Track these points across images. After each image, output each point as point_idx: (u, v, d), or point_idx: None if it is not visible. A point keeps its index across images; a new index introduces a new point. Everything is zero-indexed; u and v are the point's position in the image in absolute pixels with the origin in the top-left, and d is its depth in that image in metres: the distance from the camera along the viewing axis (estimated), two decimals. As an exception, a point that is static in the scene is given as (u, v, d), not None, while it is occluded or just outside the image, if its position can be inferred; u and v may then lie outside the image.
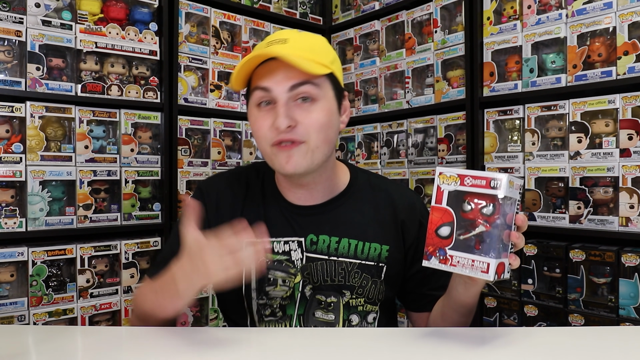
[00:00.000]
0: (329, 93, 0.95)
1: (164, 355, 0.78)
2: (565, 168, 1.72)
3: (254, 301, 1.00)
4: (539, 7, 1.82)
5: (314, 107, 0.92)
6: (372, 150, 2.43)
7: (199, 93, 2.18)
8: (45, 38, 1.75)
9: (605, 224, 1.63)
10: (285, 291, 0.99)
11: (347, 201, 1.04)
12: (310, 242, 1.00)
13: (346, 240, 1.01)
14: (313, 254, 1.00)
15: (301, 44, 0.94)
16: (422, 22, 2.21)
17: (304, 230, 1.01)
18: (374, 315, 1.04)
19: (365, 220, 1.03)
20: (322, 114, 0.93)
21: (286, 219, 1.02)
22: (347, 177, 1.07)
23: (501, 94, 1.91)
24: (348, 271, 1.00)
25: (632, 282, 1.56)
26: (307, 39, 0.97)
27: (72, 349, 0.82)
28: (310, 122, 0.91)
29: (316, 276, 1.00)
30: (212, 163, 2.17)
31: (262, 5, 2.38)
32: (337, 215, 1.02)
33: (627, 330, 1.07)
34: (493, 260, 0.73)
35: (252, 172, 1.08)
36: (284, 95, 0.91)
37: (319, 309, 1.00)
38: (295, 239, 1.00)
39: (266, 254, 0.91)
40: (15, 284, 1.71)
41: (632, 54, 1.59)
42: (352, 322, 1.01)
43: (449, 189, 0.77)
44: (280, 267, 0.99)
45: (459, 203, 0.76)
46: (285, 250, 1.00)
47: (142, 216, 1.98)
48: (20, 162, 1.70)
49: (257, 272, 0.96)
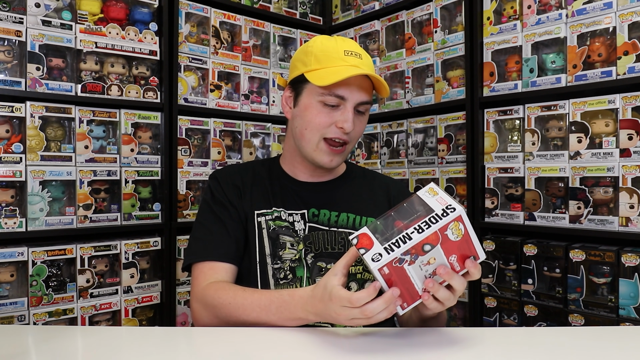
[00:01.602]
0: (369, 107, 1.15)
1: (164, 355, 0.78)
2: (565, 168, 1.72)
3: (269, 266, 1.09)
4: (539, 7, 1.82)
5: (363, 118, 1.12)
6: (372, 150, 2.43)
7: (199, 93, 2.18)
8: (45, 38, 1.75)
9: (605, 224, 1.63)
10: (294, 254, 1.10)
11: (345, 184, 1.21)
12: (312, 214, 1.13)
13: (345, 214, 1.14)
14: (315, 224, 1.12)
15: (369, 63, 1.11)
16: (422, 22, 2.21)
17: (307, 204, 1.14)
18: (370, 283, 1.08)
19: (362, 199, 1.19)
20: (365, 124, 1.14)
21: (291, 194, 1.15)
22: (344, 166, 1.25)
23: (501, 94, 1.91)
24: (347, 240, 1.12)
25: (632, 282, 1.56)
26: (368, 58, 1.12)
27: (72, 349, 0.82)
28: (359, 130, 1.11)
29: (317, 244, 1.11)
30: (212, 163, 2.17)
31: (262, 5, 2.38)
32: (337, 194, 1.18)
33: (627, 330, 1.07)
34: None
35: (257, 163, 1.24)
36: (353, 105, 1.07)
37: (320, 275, 1.08)
38: (298, 212, 1.13)
39: (275, 221, 1.11)
40: (15, 284, 1.71)
41: (632, 54, 1.59)
42: (351, 289, 1.08)
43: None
44: (288, 232, 1.11)
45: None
46: (289, 221, 1.12)
47: (142, 216, 1.98)
48: (20, 162, 1.70)
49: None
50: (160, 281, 2.01)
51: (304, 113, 1.10)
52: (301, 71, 1.11)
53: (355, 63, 1.07)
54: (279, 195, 1.15)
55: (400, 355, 0.76)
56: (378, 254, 0.73)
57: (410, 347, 0.80)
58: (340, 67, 1.05)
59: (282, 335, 0.86)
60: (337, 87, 1.05)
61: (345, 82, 1.04)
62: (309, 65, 1.09)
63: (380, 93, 1.11)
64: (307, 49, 1.12)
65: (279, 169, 1.21)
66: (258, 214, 1.12)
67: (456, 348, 0.79)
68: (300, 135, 1.11)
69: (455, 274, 0.78)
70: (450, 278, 0.77)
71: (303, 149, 1.12)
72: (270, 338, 0.86)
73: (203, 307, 1.01)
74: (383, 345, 0.80)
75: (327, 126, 1.07)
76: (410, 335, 0.88)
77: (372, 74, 1.05)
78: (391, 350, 0.78)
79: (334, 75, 1.03)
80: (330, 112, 1.07)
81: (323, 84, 1.04)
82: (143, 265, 1.99)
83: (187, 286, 2.09)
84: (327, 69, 1.06)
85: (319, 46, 1.10)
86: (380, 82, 1.07)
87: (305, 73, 1.09)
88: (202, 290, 1.02)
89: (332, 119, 1.07)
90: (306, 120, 1.09)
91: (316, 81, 1.06)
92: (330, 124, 1.07)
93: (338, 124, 1.06)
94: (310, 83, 1.08)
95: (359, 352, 0.78)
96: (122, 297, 1.90)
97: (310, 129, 1.09)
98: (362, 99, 1.07)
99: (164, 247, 2.01)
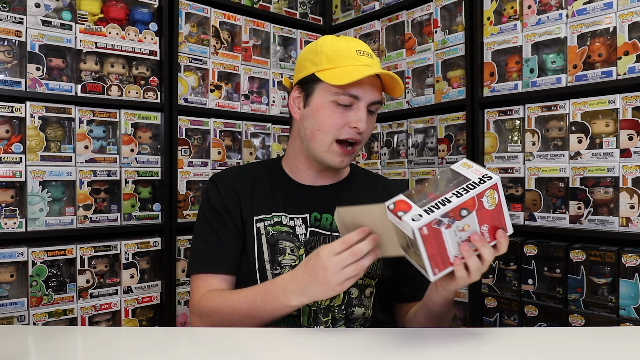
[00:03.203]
0: None
1: (164, 356, 0.78)
2: (565, 168, 1.72)
3: (268, 272, 1.08)
4: (539, 7, 1.82)
5: (373, 118, 1.11)
6: (372, 150, 2.43)
7: (199, 93, 2.17)
8: (45, 38, 1.75)
9: (606, 224, 1.63)
10: (294, 260, 1.08)
11: (348, 187, 1.19)
12: (314, 218, 1.12)
13: None
14: (316, 229, 1.11)
15: (378, 62, 1.11)
16: (422, 22, 2.21)
17: (309, 208, 1.13)
18: (371, 289, 1.11)
19: (365, 204, 1.12)
20: (374, 125, 1.14)
21: (293, 197, 1.14)
22: (347, 169, 1.23)
23: (501, 94, 1.91)
24: None
25: (633, 282, 1.56)
26: (375, 55, 1.13)
27: (72, 350, 0.82)
28: (370, 130, 1.11)
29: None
30: (212, 163, 2.17)
31: (262, 6, 2.38)
32: (340, 198, 1.15)
33: (627, 331, 1.07)
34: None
35: (258, 166, 1.22)
36: (366, 104, 1.06)
37: None
38: (300, 216, 1.12)
39: (274, 226, 1.10)
40: (15, 284, 1.71)
41: (633, 54, 1.59)
42: (351, 295, 1.08)
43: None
44: (288, 237, 1.10)
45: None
46: (290, 225, 1.11)
47: (142, 216, 1.97)
48: (20, 162, 1.70)
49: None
50: (160, 281, 2.01)
51: (317, 114, 1.08)
52: (311, 71, 1.09)
53: (368, 62, 1.06)
54: (280, 198, 1.14)
55: (401, 355, 0.76)
56: (418, 215, 0.74)
57: (411, 347, 0.79)
58: (354, 66, 1.05)
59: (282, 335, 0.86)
60: (351, 87, 1.04)
61: (359, 82, 1.03)
62: (319, 65, 1.07)
63: (394, 93, 1.11)
64: (317, 48, 1.10)
65: (280, 171, 1.19)
66: (257, 220, 1.11)
67: (456, 348, 0.79)
68: (311, 136, 1.09)
69: (487, 242, 0.79)
70: (482, 245, 0.78)
71: (313, 149, 1.10)
72: (271, 338, 0.86)
73: (199, 319, 1.05)
74: (384, 345, 0.80)
75: (341, 127, 1.06)
76: (411, 335, 0.88)
77: (391, 73, 1.05)
78: (392, 350, 0.78)
79: (349, 74, 1.02)
80: (344, 112, 1.06)
81: (339, 83, 1.02)
82: (143, 266, 1.99)
83: (187, 286, 2.09)
84: (341, 68, 1.05)
85: (329, 45, 1.09)
86: (396, 82, 1.07)
87: (316, 72, 1.07)
88: (197, 302, 1.06)
89: (345, 119, 1.06)
90: (319, 121, 1.07)
91: (331, 80, 1.04)
92: (344, 125, 1.06)
93: (352, 123, 1.05)
94: (322, 83, 1.06)
95: (360, 352, 0.78)
96: (122, 297, 1.90)
97: (322, 129, 1.07)
98: (374, 98, 1.07)
99: (164, 248, 2.01)
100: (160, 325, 2.00)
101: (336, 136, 1.06)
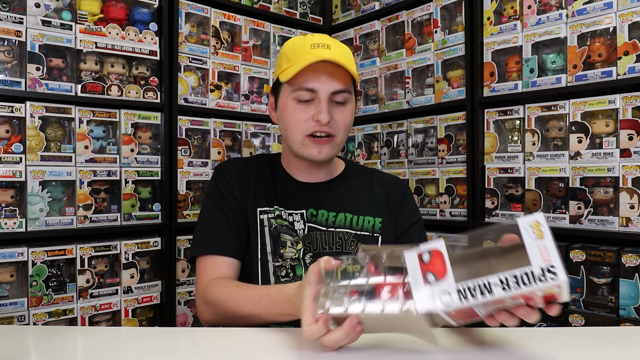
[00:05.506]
0: (353, 97, 1.12)
1: (164, 356, 0.78)
2: (565, 168, 1.72)
3: (270, 264, 1.10)
4: (539, 7, 1.82)
5: (344, 108, 1.09)
6: (372, 150, 2.43)
7: (199, 93, 2.17)
8: (45, 38, 1.75)
9: (606, 224, 1.63)
10: (294, 252, 1.11)
11: (343, 183, 1.21)
12: (310, 214, 1.14)
13: (343, 214, 1.15)
14: (313, 224, 1.13)
15: (340, 52, 1.08)
16: (422, 22, 2.21)
17: (306, 204, 1.15)
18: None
19: (360, 198, 1.19)
20: (349, 115, 1.11)
21: (290, 194, 1.16)
22: (343, 165, 1.25)
23: (501, 94, 1.91)
24: (345, 240, 1.13)
25: (633, 282, 1.56)
26: (342, 48, 1.10)
27: (72, 350, 0.82)
28: (342, 121, 1.08)
29: (316, 244, 1.12)
30: (212, 163, 2.17)
31: (262, 6, 2.38)
32: (335, 194, 1.18)
33: (627, 331, 1.07)
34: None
35: (262, 159, 1.24)
36: (327, 96, 1.05)
37: None
38: (297, 212, 1.14)
39: (276, 219, 1.12)
40: (15, 284, 1.71)
41: (633, 54, 1.59)
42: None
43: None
44: (288, 231, 1.12)
45: None
46: (289, 220, 1.13)
47: (142, 216, 1.97)
48: (20, 162, 1.70)
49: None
50: (160, 281, 2.01)
51: (283, 114, 1.11)
52: (276, 74, 1.12)
53: (322, 54, 1.04)
54: (279, 194, 1.16)
55: (401, 354, 0.76)
56: (448, 293, 0.63)
57: (411, 347, 0.79)
58: (305, 60, 1.04)
59: (283, 336, 0.86)
60: (305, 81, 1.04)
61: (314, 74, 1.04)
62: (281, 67, 1.10)
63: (356, 78, 1.11)
64: (281, 51, 1.13)
65: (280, 167, 1.22)
66: (260, 211, 1.13)
67: (456, 348, 0.79)
68: (286, 136, 1.12)
69: (535, 312, 0.67)
70: (529, 318, 0.67)
71: (292, 147, 1.12)
72: (271, 338, 0.86)
73: (205, 305, 1.05)
74: (384, 345, 0.80)
75: (305, 121, 1.07)
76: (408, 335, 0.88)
77: (331, 58, 1.02)
78: (392, 350, 0.78)
79: (296, 69, 1.03)
80: (306, 107, 1.07)
81: (287, 78, 1.05)
82: (143, 266, 1.99)
83: (187, 286, 2.09)
84: (295, 65, 1.05)
85: (289, 45, 1.11)
86: (347, 65, 1.04)
87: (278, 74, 1.10)
88: (204, 287, 1.05)
89: (307, 113, 1.06)
90: (286, 120, 1.10)
91: (283, 78, 1.06)
92: (308, 119, 1.06)
93: (314, 117, 1.06)
94: (283, 83, 1.09)
95: (360, 352, 0.78)
96: (122, 297, 1.90)
97: (290, 128, 1.09)
98: (334, 88, 1.05)
99: (163, 248, 2.01)
100: (160, 325, 2.00)
101: (304, 132, 1.07)
